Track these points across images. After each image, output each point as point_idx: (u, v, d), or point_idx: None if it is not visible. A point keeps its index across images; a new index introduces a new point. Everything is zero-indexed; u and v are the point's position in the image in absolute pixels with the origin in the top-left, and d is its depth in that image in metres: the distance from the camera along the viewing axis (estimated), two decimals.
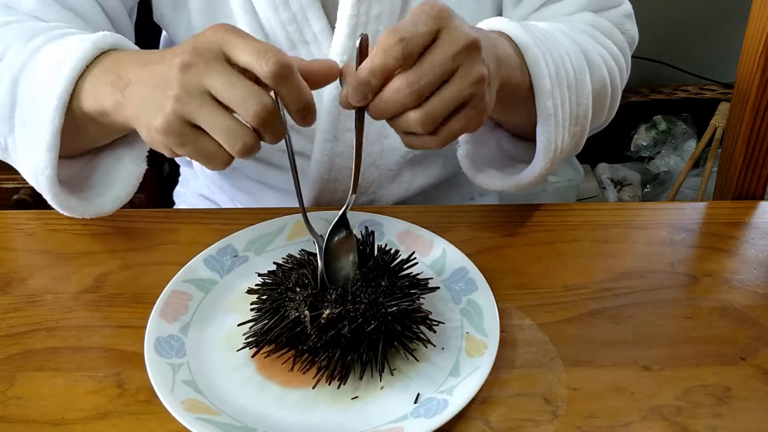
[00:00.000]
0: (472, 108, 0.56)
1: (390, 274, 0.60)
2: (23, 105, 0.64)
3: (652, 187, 1.97)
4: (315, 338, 0.55)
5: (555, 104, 0.67)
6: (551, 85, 0.66)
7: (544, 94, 0.66)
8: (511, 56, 0.65)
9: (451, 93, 0.54)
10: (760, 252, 0.72)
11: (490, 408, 0.56)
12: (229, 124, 0.53)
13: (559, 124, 0.68)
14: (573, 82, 0.69)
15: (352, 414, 0.55)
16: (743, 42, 0.79)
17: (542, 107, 0.66)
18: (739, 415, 0.56)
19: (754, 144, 0.80)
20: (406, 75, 0.53)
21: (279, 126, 0.54)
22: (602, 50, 0.77)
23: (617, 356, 0.60)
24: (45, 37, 0.66)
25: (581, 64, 0.71)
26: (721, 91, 1.95)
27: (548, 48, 0.68)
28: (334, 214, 0.72)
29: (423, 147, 0.57)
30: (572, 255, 0.72)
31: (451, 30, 0.54)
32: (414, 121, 0.54)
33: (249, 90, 0.52)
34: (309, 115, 0.54)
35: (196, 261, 0.66)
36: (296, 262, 0.61)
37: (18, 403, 0.56)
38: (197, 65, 0.53)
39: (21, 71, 0.64)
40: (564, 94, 0.68)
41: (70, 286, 0.67)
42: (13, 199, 1.58)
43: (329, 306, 0.56)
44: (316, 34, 0.76)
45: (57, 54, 0.63)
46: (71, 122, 0.62)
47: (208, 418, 0.53)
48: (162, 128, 0.54)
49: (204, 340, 0.61)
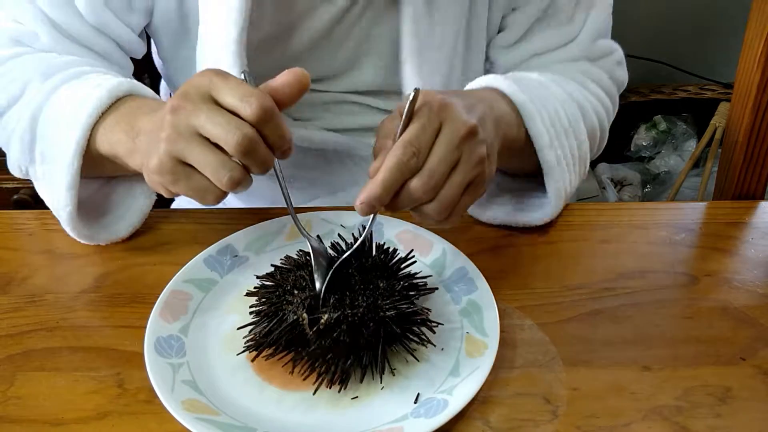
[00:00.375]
0: (476, 186, 0.60)
1: (388, 274, 0.60)
2: (43, 143, 0.69)
3: (652, 187, 1.97)
4: (314, 343, 0.55)
5: (557, 154, 0.71)
6: (549, 138, 0.71)
7: (544, 147, 0.71)
8: (508, 114, 0.69)
9: (459, 180, 0.58)
10: (760, 252, 0.72)
11: (490, 408, 0.56)
12: (216, 159, 0.56)
13: (565, 170, 0.72)
14: (570, 129, 0.74)
15: (352, 414, 0.55)
16: (743, 42, 0.79)
17: (545, 160, 0.71)
18: (739, 415, 0.56)
19: (754, 144, 0.80)
20: (421, 176, 0.56)
21: (263, 155, 0.56)
22: (591, 98, 0.81)
23: (617, 356, 0.60)
24: (61, 77, 0.70)
25: (575, 112, 0.76)
26: (721, 91, 1.94)
27: (543, 103, 0.72)
28: (333, 214, 0.73)
29: (438, 227, 0.63)
30: (572, 255, 0.72)
31: (451, 121, 0.58)
32: (431, 212, 0.58)
33: (230, 122, 0.55)
34: (289, 151, 0.58)
35: (196, 261, 0.66)
36: (294, 264, 0.61)
37: (18, 403, 0.56)
38: (185, 107, 0.56)
39: (39, 110, 0.69)
40: (563, 142, 0.73)
41: (70, 286, 0.67)
42: (13, 199, 1.58)
43: (327, 311, 0.55)
44: None
45: (74, 99, 0.67)
46: (89, 159, 0.67)
47: (208, 418, 0.53)
48: (156, 168, 0.58)
49: (204, 340, 0.61)
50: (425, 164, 0.57)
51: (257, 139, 0.55)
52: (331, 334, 0.55)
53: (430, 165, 0.56)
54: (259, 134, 0.55)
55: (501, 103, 0.69)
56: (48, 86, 0.70)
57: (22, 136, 0.70)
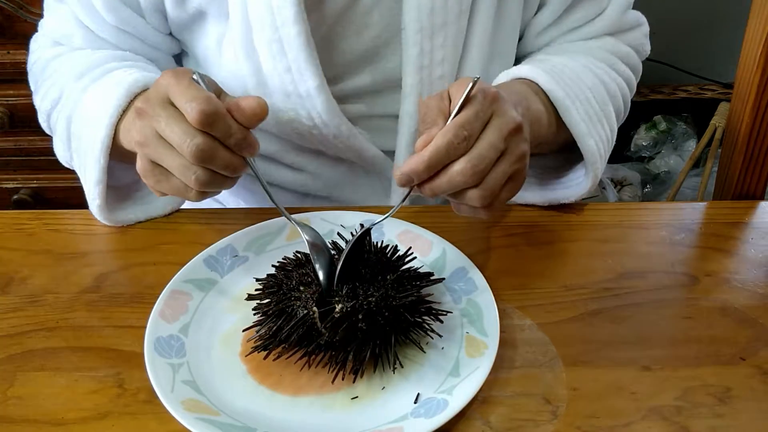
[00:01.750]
0: (516, 180, 0.62)
1: (393, 268, 0.60)
2: (77, 141, 0.73)
3: (652, 187, 1.97)
4: (330, 333, 0.56)
5: (596, 140, 0.74)
6: (587, 127, 0.73)
7: (585, 136, 0.73)
8: (542, 115, 0.72)
9: (503, 170, 0.59)
10: (760, 252, 0.72)
11: (490, 408, 0.56)
12: (181, 161, 0.58)
13: (602, 156, 0.75)
14: (601, 114, 0.76)
15: (352, 414, 0.55)
16: (743, 42, 0.79)
17: (586, 148, 0.73)
18: (739, 415, 0.56)
19: (754, 144, 0.80)
20: (470, 158, 0.57)
21: (224, 159, 0.58)
22: (618, 79, 0.83)
23: (617, 356, 0.60)
24: (90, 77, 0.74)
25: (604, 97, 0.78)
26: (721, 91, 1.94)
27: (575, 93, 0.74)
28: (333, 214, 0.73)
29: (473, 215, 0.62)
30: (572, 255, 0.72)
31: (501, 113, 0.60)
32: (475, 198, 0.59)
33: (183, 130, 0.57)
34: (246, 149, 0.59)
35: (196, 261, 0.66)
36: (294, 264, 0.61)
37: (18, 403, 0.56)
38: (147, 111, 0.59)
39: (72, 111, 0.74)
40: (597, 129, 0.75)
41: (70, 286, 0.67)
42: (13, 199, 1.58)
43: (341, 301, 0.56)
44: (309, 90, 0.75)
45: (99, 99, 0.71)
46: (117, 154, 0.70)
47: (208, 418, 0.53)
48: (140, 171, 0.62)
49: (204, 340, 0.61)
50: (474, 149, 0.58)
51: (212, 146, 0.57)
52: (344, 324, 0.55)
53: (478, 150, 0.58)
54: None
55: (536, 101, 0.72)
56: (79, 87, 0.74)
57: (62, 135, 0.76)
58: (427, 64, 0.76)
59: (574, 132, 0.73)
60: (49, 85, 0.78)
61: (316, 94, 0.75)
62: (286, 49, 0.72)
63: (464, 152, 0.57)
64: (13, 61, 1.40)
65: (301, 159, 0.85)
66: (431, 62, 0.76)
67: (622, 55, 0.85)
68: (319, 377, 0.58)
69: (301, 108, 0.77)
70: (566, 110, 0.73)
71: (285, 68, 0.74)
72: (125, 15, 0.78)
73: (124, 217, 0.74)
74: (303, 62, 0.73)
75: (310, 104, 0.76)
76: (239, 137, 0.58)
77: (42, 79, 0.81)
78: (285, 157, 0.85)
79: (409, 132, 0.79)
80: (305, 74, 0.74)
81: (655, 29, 1.91)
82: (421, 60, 0.75)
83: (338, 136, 0.79)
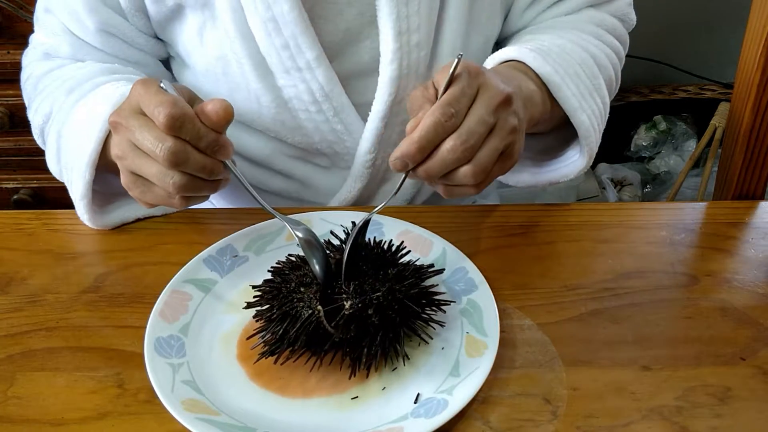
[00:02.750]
0: (508, 156, 0.62)
1: (392, 262, 0.61)
2: (66, 155, 0.73)
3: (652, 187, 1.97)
4: (342, 331, 0.55)
5: (588, 115, 0.74)
6: (578, 102, 0.73)
7: (576, 111, 0.73)
8: (535, 93, 0.71)
9: (495, 144, 0.59)
10: (760, 252, 0.72)
11: (490, 408, 0.56)
12: (157, 169, 0.59)
13: (596, 129, 0.75)
14: (592, 88, 0.76)
15: (352, 414, 0.55)
16: (743, 42, 0.79)
17: (579, 123, 0.73)
18: (739, 415, 0.56)
19: (754, 144, 0.80)
20: (459, 135, 0.57)
21: (198, 162, 0.59)
22: (607, 50, 0.82)
23: (617, 356, 0.60)
24: (80, 92, 0.74)
25: (593, 70, 0.77)
26: (721, 91, 1.94)
27: (564, 69, 0.74)
28: (333, 214, 0.73)
29: (464, 195, 0.62)
30: (572, 255, 0.72)
31: (488, 87, 0.59)
32: (466, 175, 0.58)
33: (155, 136, 0.58)
34: (218, 152, 0.60)
35: (196, 261, 0.66)
36: (290, 266, 0.61)
37: (18, 403, 0.56)
38: (121, 123, 0.61)
39: (62, 126, 0.74)
40: (589, 102, 0.75)
41: (70, 286, 0.67)
42: (13, 199, 1.58)
43: (349, 297, 0.56)
44: (309, 62, 0.76)
45: (87, 114, 0.71)
46: (101, 166, 0.70)
47: (208, 418, 0.53)
48: (125, 184, 0.64)
49: (204, 340, 0.61)
50: (462, 125, 0.57)
51: (183, 149, 0.58)
52: (355, 320, 0.55)
53: (467, 125, 0.57)
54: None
55: (527, 80, 0.71)
56: (70, 102, 0.74)
57: (52, 149, 0.76)
58: (405, 30, 0.75)
59: (565, 107, 0.73)
60: (41, 100, 0.79)
61: (316, 65, 0.76)
62: (281, 25, 0.73)
63: (453, 130, 0.57)
64: (13, 61, 1.40)
65: (292, 165, 0.85)
66: (408, 28, 0.76)
67: (608, 27, 0.85)
68: (318, 377, 0.58)
69: (301, 82, 0.77)
70: (557, 87, 0.72)
71: (282, 45, 0.75)
72: (106, 16, 0.78)
73: (116, 218, 0.74)
74: (300, 36, 0.74)
75: (310, 76, 0.77)
76: (210, 139, 0.59)
77: (35, 94, 0.82)
78: (275, 162, 0.85)
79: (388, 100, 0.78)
80: (303, 47, 0.75)
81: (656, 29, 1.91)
82: (399, 25, 0.75)
83: (339, 111, 0.79)
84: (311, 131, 0.81)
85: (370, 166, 0.83)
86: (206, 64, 0.80)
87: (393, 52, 0.76)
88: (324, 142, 0.82)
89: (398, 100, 0.79)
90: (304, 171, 0.86)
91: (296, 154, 0.85)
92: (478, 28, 0.82)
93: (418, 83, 0.80)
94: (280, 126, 0.81)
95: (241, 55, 0.77)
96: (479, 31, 0.83)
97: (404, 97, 0.79)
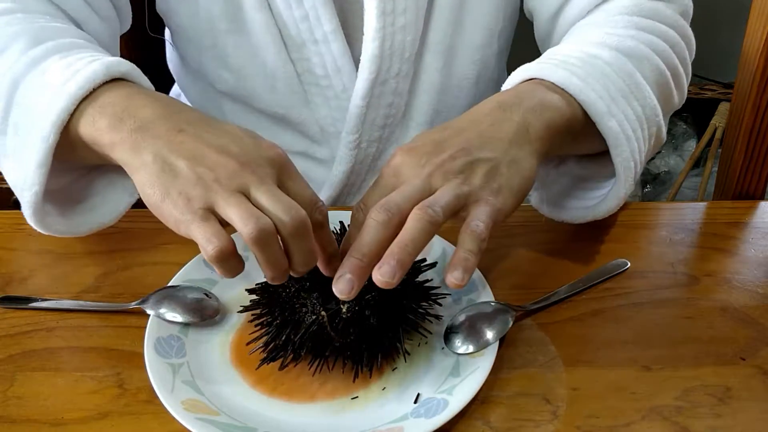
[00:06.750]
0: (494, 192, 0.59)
1: None
2: (19, 111, 0.61)
3: (652, 187, 1.97)
4: (341, 335, 0.55)
5: (619, 120, 0.64)
6: (606, 105, 0.63)
7: (604, 116, 0.63)
8: (553, 97, 0.63)
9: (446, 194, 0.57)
10: (760, 252, 0.72)
11: (490, 408, 0.56)
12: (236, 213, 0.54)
13: (631, 138, 0.65)
14: (626, 89, 0.66)
15: (352, 414, 0.55)
16: (743, 42, 0.79)
17: (607, 129, 0.63)
18: (739, 415, 0.56)
19: (754, 144, 0.80)
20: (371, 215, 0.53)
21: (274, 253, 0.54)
22: (647, 36, 0.71)
23: (617, 356, 0.60)
24: (55, 45, 0.62)
25: (626, 68, 0.67)
26: (721, 91, 1.94)
27: (586, 71, 0.64)
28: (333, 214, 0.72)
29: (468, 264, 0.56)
30: (572, 255, 0.71)
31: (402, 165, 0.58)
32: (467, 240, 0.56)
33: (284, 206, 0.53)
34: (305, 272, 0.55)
35: (196, 261, 0.66)
36: None
37: (18, 403, 0.56)
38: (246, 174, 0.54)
39: (23, 75, 0.61)
40: (623, 106, 0.65)
41: (70, 286, 0.67)
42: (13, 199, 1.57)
43: (345, 301, 0.55)
44: (326, 34, 0.77)
45: (65, 69, 0.59)
46: (63, 139, 0.59)
47: (208, 418, 0.53)
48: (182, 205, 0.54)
49: (204, 341, 0.61)
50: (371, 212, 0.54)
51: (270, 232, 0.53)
52: (354, 322, 0.55)
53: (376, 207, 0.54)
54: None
55: (545, 92, 0.63)
56: (38, 52, 0.61)
57: None
58: (390, 11, 0.75)
59: (590, 113, 0.63)
60: None
61: (333, 38, 0.77)
62: None
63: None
64: None
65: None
66: (394, 9, 0.75)
67: (645, 11, 0.72)
68: (318, 378, 0.58)
69: (315, 55, 0.78)
70: (579, 92, 0.63)
71: (302, 16, 0.76)
72: None
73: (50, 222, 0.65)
74: (321, 7, 0.75)
75: (326, 48, 0.77)
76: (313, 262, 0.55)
77: None
78: None
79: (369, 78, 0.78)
80: (322, 18, 0.75)
81: None
82: (383, 5, 0.75)
83: (348, 88, 0.80)
84: (318, 106, 0.82)
85: (354, 148, 0.83)
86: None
87: (375, 31, 0.76)
88: (328, 118, 0.82)
89: (381, 81, 0.79)
90: (305, 168, 0.86)
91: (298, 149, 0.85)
92: (472, 14, 0.82)
93: (404, 66, 0.80)
94: (287, 102, 0.81)
95: (259, 26, 0.77)
96: (472, 19, 0.82)
97: (388, 78, 0.79)
